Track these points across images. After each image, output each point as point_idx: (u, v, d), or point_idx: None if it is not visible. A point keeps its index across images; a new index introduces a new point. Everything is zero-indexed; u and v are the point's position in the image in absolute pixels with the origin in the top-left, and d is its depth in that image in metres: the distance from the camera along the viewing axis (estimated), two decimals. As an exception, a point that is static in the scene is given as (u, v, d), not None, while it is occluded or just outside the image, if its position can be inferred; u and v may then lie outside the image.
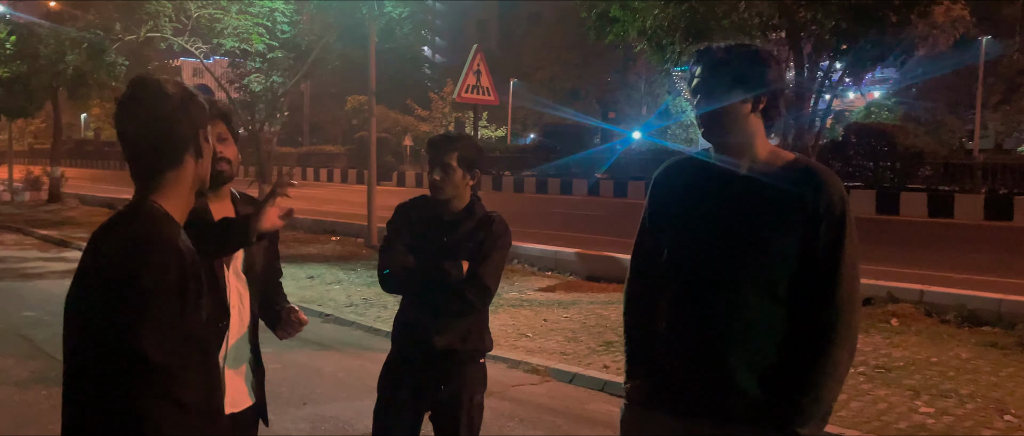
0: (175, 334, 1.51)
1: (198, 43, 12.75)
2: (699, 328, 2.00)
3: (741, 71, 1.95)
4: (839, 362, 1.93)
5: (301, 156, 43.46)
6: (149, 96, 1.60)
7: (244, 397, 2.41)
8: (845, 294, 1.93)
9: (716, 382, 1.97)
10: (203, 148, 1.69)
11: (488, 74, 11.17)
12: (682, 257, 2.05)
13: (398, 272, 2.82)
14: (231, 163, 2.38)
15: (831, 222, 1.91)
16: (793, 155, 2.06)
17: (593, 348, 6.57)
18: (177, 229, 1.60)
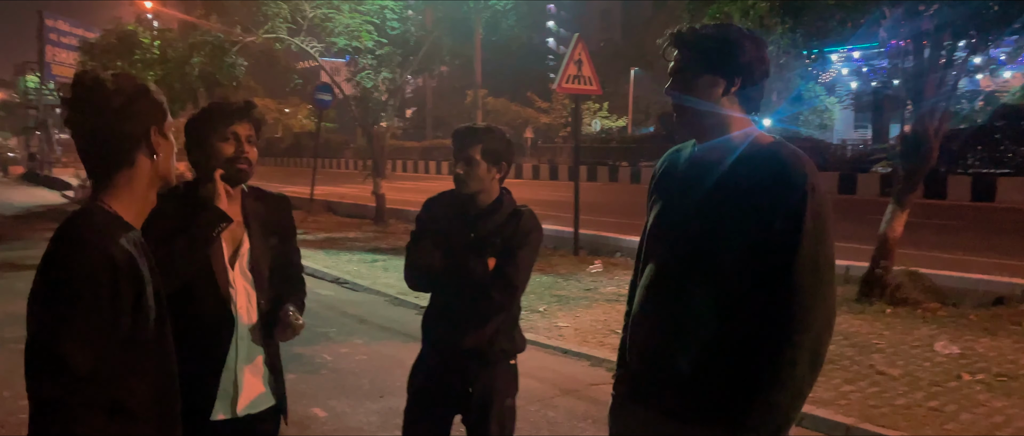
0: (106, 340, 1.48)
1: (313, 43, 13.24)
2: (654, 321, 1.97)
3: (712, 53, 1.88)
4: (795, 365, 1.75)
5: (423, 150, 44.66)
6: (92, 95, 1.58)
7: (262, 397, 2.40)
8: (799, 290, 1.75)
9: (668, 378, 1.92)
10: (159, 146, 1.66)
11: (590, 63, 10.94)
12: (649, 247, 2.05)
13: (423, 269, 2.75)
14: (251, 166, 2.36)
15: (786, 211, 1.76)
16: (771, 139, 1.91)
17: (683, 346, 6.27)
18: (119, 232, 1.57)
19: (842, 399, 4.90)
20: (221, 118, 2.31)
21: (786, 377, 1.75)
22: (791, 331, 1.74)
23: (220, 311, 2.29)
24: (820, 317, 1.77)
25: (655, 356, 1.96)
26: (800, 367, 1.75)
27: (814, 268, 1.76)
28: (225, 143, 2.30)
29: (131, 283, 1.52)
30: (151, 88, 1.66)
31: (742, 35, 1.90)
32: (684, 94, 1.92)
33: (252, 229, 2.39)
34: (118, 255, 1.51)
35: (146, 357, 1.59)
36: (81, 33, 31.77)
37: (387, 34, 12.93)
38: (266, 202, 2.50)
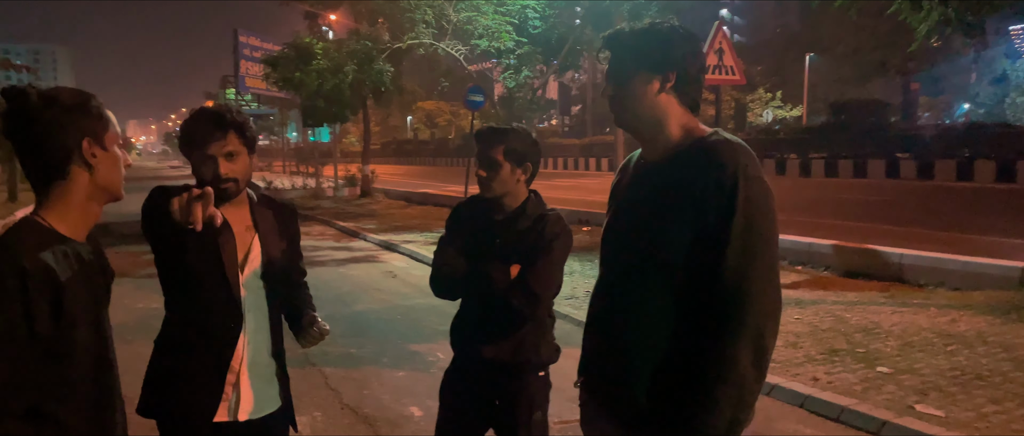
0: (20, 348, 1.51)
1: (458, 46, 13.54)
2: (604, 326, 1.96)
3: (645, 51, 1.86)
4: (736, 361, 1.69)
5: (584, 147, 44.61)
6: (21, 108, 1.62)
7: (269, 401, 2.40)
8: (735, 280, 1.70)
9: (615, 380, 1.91)
10: (97, 158, 1.68)
11: (732, 51, 10.39)
12: (602, 252, 2.05)
13: (446, 277, 2.66)
14: (238, 181, 2.30)
15: (719, 199, 1.72)
16: (707, 131, 1.87)
17: (811, 356, 5.78)
18: (46, 244, 1.59)
19: (981, 421, 4.29)
20: (191, 142, 2.28)
21: (728, 374, 1.69)
22: (728, 325, 1.70)
23: (229, 315, 2.30)
24: (759, 309, 1.70)
25: (607, 362, 1.95)
26: (742, 362, 1.69)
27: (747, 257, 1.70)
28: (203, 166, 2.26)
29: (46, 294, 1.54)
30: (90, 101, 1.68)
31: (672, 31, 1.87)
32: (619, 94, 1.89)
33: (261, 235, 2.40)
34: (30, 267, 1.53)
35: (73, 367, 1.62)
36: (269, 46, 34.45)
37: (527, 33, 12.97)
38: (274, 210, 2.50)
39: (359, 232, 15.23)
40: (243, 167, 2.31)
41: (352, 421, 4.80)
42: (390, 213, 18.76)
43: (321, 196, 25.50)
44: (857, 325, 6.64)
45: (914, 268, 8.45)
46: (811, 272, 9.30)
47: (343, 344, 6.70)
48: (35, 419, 1.56)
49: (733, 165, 1.73)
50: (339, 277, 10.36)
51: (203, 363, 2.29)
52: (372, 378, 5.67)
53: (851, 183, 24.36)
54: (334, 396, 5.28)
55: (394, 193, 24.41)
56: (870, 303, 7.49)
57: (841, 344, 6.06)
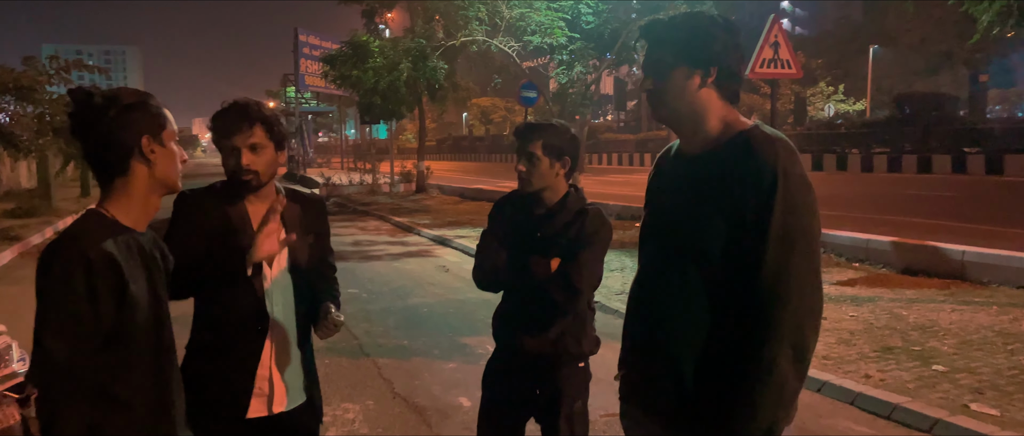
0: (84, 333, 1.64)
1: (511, 42, 13.62)
2: (642, 320, 1.95)
3: (684, 44, 1.82)
4: (775, 362, 1.67)
5: (638, 142, 44.24)
6: (86, 109, 1.75)
7: (294, 393, 2.43)
8: (774, 278, 1.67)
9: (655, 375, 1.90)
10: (155, 154, 1.80)
11: (788, 45, 10.19)
12: (641, 247, 2.04)
13: (488, 270, 2.74)
14: (259, 174, 2.32)
15: (758, 195, 1.70)
16: (747, 124, 1.84)
17: (864, 354, 5.69)
18: (110, 233, 1.72)
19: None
20: (219, 132, 2.33)
21: (767, 375, 1.67)
22: (767, 325, 1.68)
23: (255, 310, 2.34)
24: (800, 307, 1.68)
25: (646, 357, 1.94)
26: (782, 361, 1.67)
27: (787, 254, 1.67)
28: (228, 157, 2.33)
29: (110, 282, 1.67)
30: (149, 101, 1.80)
31: (712, 22, 1.83)
32: (659, 88, 1.86)
33: (287, 229, 2.40)
34: (94, 256, 1.66)
35: (137, 351, 1.75)
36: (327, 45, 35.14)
37: (580, 29, 12.98)
38: (302, 204, 2.52)
39: (413, 227, 15.46)
40: (267, 161, 2.33)
41: (403, 410, 4.93)
42: (444, 209, 18.98)
43: (377, 192, 25.93)
44: (914, 323, 6.50)
45: (977, 265, 8.21)
46: (868, 269, 9.11)
47: (396, 336, 6.86)
48: (100, 399, 1.69)
49: (772, 160, 1.71)
50: (393, 271, 10.56)
51: (231, 361, 2.33)
52: (423, 369, 5.80)
53: (915, 178, 23.64)
54: (386, 386, 5.42)
55: (448, 189, 24.65)
56: (928, 301, 7.32)
57: (896, 342, 5.95)
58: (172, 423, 1.85)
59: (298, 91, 41.54)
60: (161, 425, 1.81)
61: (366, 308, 8.04)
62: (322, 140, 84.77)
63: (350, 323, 7.24)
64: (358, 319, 7.46)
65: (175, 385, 1.89)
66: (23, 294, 9.69)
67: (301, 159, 42.19)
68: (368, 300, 8.51)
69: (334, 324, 2.39)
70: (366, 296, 8.72)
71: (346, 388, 5.36)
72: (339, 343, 6.54)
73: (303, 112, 44.00)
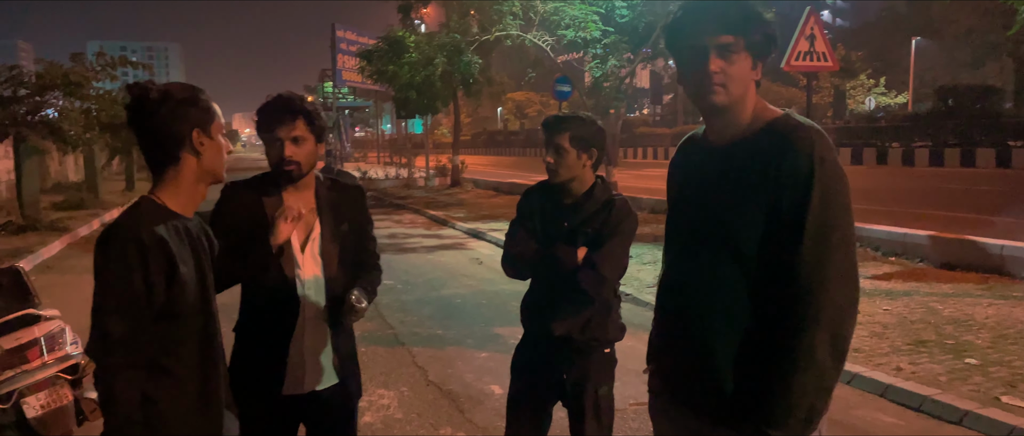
0: (139, 310, 1.78)
1: (545, 37, 13.68)
2: (674, 313, 1.95)
3: (755, 32, 1.78)
4: (813, 351, 1.67)
5: (675, 136, 43.91)
6: (142, 102, 1.88)
7: (326, 375, 2.54)
8: (812, 268, 1.67)
9: (691, 370, 1.89)
10: (204, 145, 1.93)
11: (824, 37, 10.13)
12: (668, 237, 2.02)
13: (517, 258, 2.84)
14: (300, 164, 2.44)
15: (795, 187, 1.68)
16: (777, 112, 1.82)
17: (897, 347, 5.68)
18: (161, 219, 1.86)
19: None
20: (263, 124, 2.46)
21: (806, 363, 1.67)
22: (806, 316, 1.66)
23: (288, 295, 2.46)
24: (838, 297, 1.67)
25: (680, 351, 1.92)
26: (820, 352, 1.66)
27: (825, 244, 1.67)
28: (271, 148, 2.46)
29: (161, 263, 1.80)
30: (199, 95, 1.93)
31: (759, 9, 1.81)
32: (728, 79, 1.76)
33: (324, 217, 2.54)
34: (148, 239, 1.80)
35: (187, 326, 1.88)
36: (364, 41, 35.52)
37: (614, 23, 12.99)
38: (340, 192, 2.63)
39: (448, 220, 15.62)
40: (307, 152, 2.46)
41: (436, 397, 5.06)
42: (478, 202, 19.12)
43: (413, 186, 26.17)
44: (949, 317, 6.46)
45: (1016, 260, 8.09)
46: (905, 263, 9.02)
47: (431, 326, 7.00)
48: (153, 371, 1.83)
49: (809, 148, 1.69)
50: (428, 263, 10.72)
51: (267, 342, 2.47)
52: (457, 358, 5.93)
53: (957, 172, 23.19)
54: (420, 373, 5.56)
55: (483, 183, 24.79)
56: (965, 295, 7.25)
57: (929, 335, 5.92)
58: (217, 396, 1.98)
59: (335, 86, 42.13)
60: (207, 397, 1.95)
61: (401, 298, 8.19)
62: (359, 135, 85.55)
63: (386, 313, 7.40)
64: (393, 309, 7.62)
65: (219, 360, 2.02)
66: (73, 283, 10.03)
67: (338, 153, 42.73)
68: (403, 291, 8.67)
69: (351, 310, 2.47)
70: (401, 287, 8.88)
71: (381, 375, 5.51)
72: (375, 332, 6.71)
73: (340, 107, 44.53)
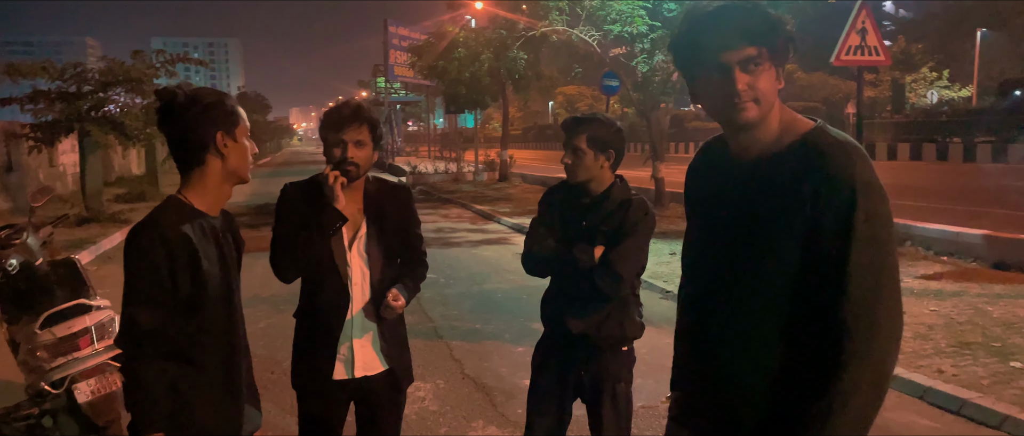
0: (166, 302, 1.89)
1: (592, 32, 13.64)
2: (697, 340, 1.80)
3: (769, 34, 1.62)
4: (857, 391, 1.53)
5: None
6: (171, 106, 1.99)
7: (374, 363, 2.70)
8: (856, 306, 1.52)
9: (716, 401, 1.76)
10: (228, 148, 2.03)
11: (876, 31, 9.90)
12: (692, 258, 1.88)
13: (536, 255, 2.90)
14: (359, 167, 2.60)
15: (835, 215, 1.53)
16: (810, 125, 1.66)
17: (941, 348, 5.57)
18: (187, 217, 1.97)
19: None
20: (331, 125, 2.63)
21: (846, 405, 1.53)
22: (852, 355, 1.52)
23: (338, 288, 2.64)
24: (884, 334, 1.54)
25: (704, 381, 1.79)
26: (862, 393, 1.53)
27: (873, 277, 1.53)
28: (335, 148, 2.61)
29: (185, 259, 1.91)
30: (225, 100, 2.04)
31: (770, 10, 1.65)
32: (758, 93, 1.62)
33: (369, 216, 2.70)
34: (173, 236, 1.91)
35: (211, 319, 1.99)
36: (415, 36, 35.88)
37: (662, 17, 12.88)
38: (386, 193, 2.77)
39: (494, 215, 15.73)
40: (366, 156, 2.63)
41: (470, 390, 5.15)
42: (525, 197, 19.18)
43: (461, 180, 26.37)
44: (998, 319, 6.29)
45: (1075, 261, 7.82)
46: (957, 263, 8.79)
47: (470, 320, 7.11)
48: (178, 361, 1.95)
49: (849, 171, 1.53)
50: (472, 258, 10.83)
51: (320, 330, 2.66)
52: (493, 352, 6.01)
53: (1021, 169, 22.37)
54: (457, 366, 5.66)
55: (531, 178, 24.85)
56: (1017, 297, 7.04)
57: (975, 337, 5.78)
58: (238, 384, 2.09)
59: (388, 81, 42.61)
60: (230, 386, 2.06)
61: (443, 293, 8.31)
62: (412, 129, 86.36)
63: (427, 307, 7.53)
64: (435, 303, 7.74)
65: (241, 351, 2.13)
66: (130, 273, 10.29)
67: (390, 148, 43.31)
68: (445, 285, 8.79)
69: (387, 307, 2.63)
70: (444, 281, 9.00)
71: (419, 368, 5.55)
72: (416, 326, 6.84)
73: (392, 101, 45.07)
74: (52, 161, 20.22)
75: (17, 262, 3.94)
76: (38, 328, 3.73)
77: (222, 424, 2.04)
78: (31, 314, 3.85)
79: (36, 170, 19.37)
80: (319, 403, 2.72)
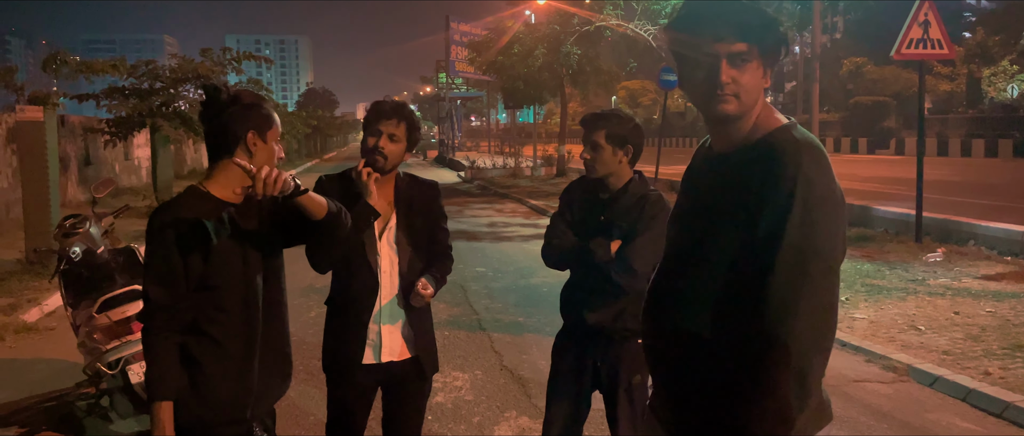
0: (176, 280, 2.05)
1: (647, 26, 13.58)
2: (650, 322, 1.83)
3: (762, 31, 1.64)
4: (776, 387, 1.53)
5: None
6: (214, 101, 2.16)
7: (401, 349, 2.83)
8: (782, 299, 1.52)
9: (663, 390, 1.81)
10: (257, 147, 2.17)
11: (940, 24, 9.59)
12: (668, 233, 1.90)
13: (555, 249, 2.97)
14: (387, 159, 2.72)
15: (774, 204, 1.53)
16: (780, 122, 1.67)
17: (991, 350, 5.42)
18: (201, 204, 2.12)
19: None
20: (374, 116, 2.78)
21: (767, 403, 1.53)
22: (771, 348, 1.52)
23: (368, 277, 2.77)
24: (806, 333, 1.52)
25: (655, 367, 1.84)
26: (782, 389, 1.53)
27: (800, 273, 1.51)
28: (371, 137, 2.76)
29: (196, 241, 2.07)
30: (263, 103, 2.19)
31: (761, 7, 1.67)
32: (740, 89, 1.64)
33: (399, 209, 2.83)
34: (185, 220, 2.07)
35: (228, 299, 2.14)
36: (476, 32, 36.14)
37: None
38: (416, 187, 2.91)
39: (547, 210, 15.77)
40: (397, 151, 2.76)
41: (507, 381, 5.25)
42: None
43: (519, 175, 26.50)
44: (1060, 321, 6.07)
45: None
46: (1021, 264, 8.48)
47: (513, 313, 7.21)
48: (194, 333, 2.12)
49: (793, 168, 1.54)
50: (521, 252, 10.93)
51: (351, 316, 2.79)
52: (533, 345, 6.10)
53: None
54: (496, 358, 5.77)
55: (587, 173, 24.79)
56: (1082, 299, 6.77)
57: (1030, 340, 5.60)
58: (253, 360, 2.23)
59: (449, 77, 42.99)
60: (247, 363, 2.20)
61: (490, 286, 8.44)
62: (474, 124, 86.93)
63: (472, 300, 7.67)
64: (480, 296, 7.88)
65: (259, 329, 2.26)
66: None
67: (450, 143, 43.73)
68: (493, 278, 8.92)
69: (416, 295, 2.75)
70: (491, 274, 9.13)
71: (459, 358, 5.76)
72: (460, 318, 6.98)
73: (453, 97, 45.45)
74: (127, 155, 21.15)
75: (80, 250, 4.21)
76: (95, 312, 3.98)
77: (242, 396, 2.19)
78: (90, 299, 4.11)
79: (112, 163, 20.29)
80: (348, 386, 2.85)
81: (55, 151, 9.42)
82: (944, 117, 37.33)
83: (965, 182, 18.91)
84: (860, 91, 43.64)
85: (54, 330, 6.79)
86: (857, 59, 45.01)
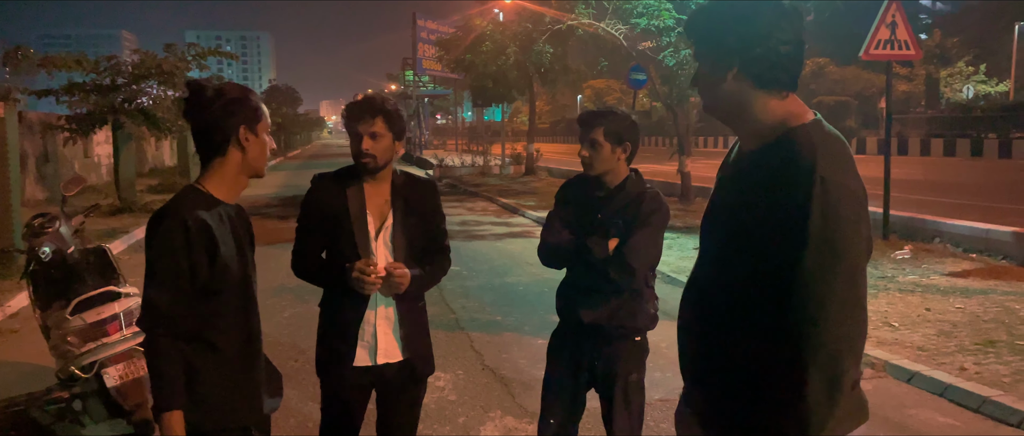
0: (183, 287, 1.96)
1: (618, 25, 13.61)
2: (683, 323, 1.85)
3: (706, 37, 1.71)
4: (805, 390, 1.51)
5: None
6: (198, 98, 2.07)
7: (395, 351, 2.76)
8: (805, 302, 1.51)
9: (693, 381, 1.84)
10: (249, 141, 2.10)
11: (906, 25, 9.77)
12: (700, 233, 1.90)
13: (552, 247, 2.94)
14: (376, 159, 2.64)
15: (789, 208, 1.52)
16: (804, 119, 1.65)
17: (964, 346, 5.51)
18: (204, 205, 2.04)
19: None
20: (349, 120, 2.69)
21: (795, 404, 1.52)
22: (799, 350, 1.51)
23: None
24: (835, 334, 1.51)
25: (684, 358, 1.86)
26: (812, 393, 1.51)
27: (825, 275, 1.50)
28: (353, 141, 2.68)
29: (204, 245, 1.99)
30: (250, 96, 2.11)
31: (730, 12, 1.68)
32: (702, 82, 1.74)
33: (396, 208, 2.75)
34: (191, 223, 1.98)
35: (228, 303, 2.06)
36: (443, 30, 35.96)
37: (688, 11, 12.81)
38: (414, 187, 2.82)
39: (519, 208, 15.78)
40: (384, 148, 2.67)
41: (489, 381, 5.21)
42: (550, 191, 19.19)
43: (488, 173, 26.44)
44: (1026, 316, 6.20)
45: (1108, 260, 7.67)
46: (986, 260, 8.67)
47: (491, 312, 7.16)
48: (196, 342, 2.03)
49: (809, 169, 1.53)
50: (495, 250, 10.89)
51: (344, 317, 2.72)
52: (513, 344, 6.06)
53: (1060, 165, 21.92)
54: (477, 358, 5.72)
55: (557, 171, 24.85)
56: (1047, 295, 6.93)
57: (1000, 335, 5.72)
58: (255, 368, 2.16)
59: (416, 75, 42.74)
60: (246, 368, 2.13)
61: (465, 285, 8.38)
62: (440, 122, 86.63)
63: (448, 299, 7.60)
64: (456, 295, 7.82)
65: (258, 335, 2.20)
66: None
67: (418, 141, 43.50)
68: (468, 277, 8.86)
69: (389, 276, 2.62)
70: (466, 273, 9.07)
71: (439, 358, 5.59)
72: (437, 317, 6.90)
73: (420, 95, 45.22)
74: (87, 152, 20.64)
75: (50, 250, 4.06)
76: (69, 314, 3.85)
77: (240, 403, 2.12)
78: (62, 300, 3.97)
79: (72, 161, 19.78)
80: (341, 388, 2.78)
81: (16, 148, 9.14)
82: (903, 117, 38.10)
83: (926, 180, 19.31)
84: (822, 91, 44.36)
85: (17, 332, 6.58)
86: (820, 60, 45.77)
